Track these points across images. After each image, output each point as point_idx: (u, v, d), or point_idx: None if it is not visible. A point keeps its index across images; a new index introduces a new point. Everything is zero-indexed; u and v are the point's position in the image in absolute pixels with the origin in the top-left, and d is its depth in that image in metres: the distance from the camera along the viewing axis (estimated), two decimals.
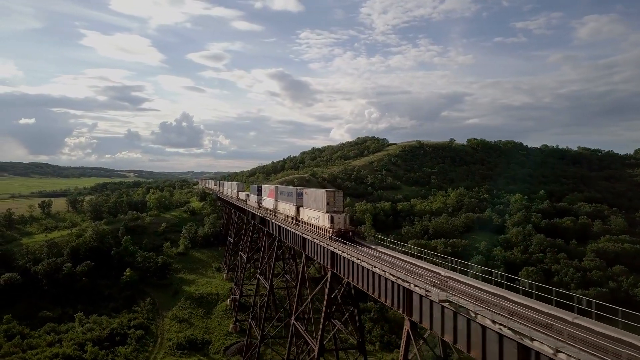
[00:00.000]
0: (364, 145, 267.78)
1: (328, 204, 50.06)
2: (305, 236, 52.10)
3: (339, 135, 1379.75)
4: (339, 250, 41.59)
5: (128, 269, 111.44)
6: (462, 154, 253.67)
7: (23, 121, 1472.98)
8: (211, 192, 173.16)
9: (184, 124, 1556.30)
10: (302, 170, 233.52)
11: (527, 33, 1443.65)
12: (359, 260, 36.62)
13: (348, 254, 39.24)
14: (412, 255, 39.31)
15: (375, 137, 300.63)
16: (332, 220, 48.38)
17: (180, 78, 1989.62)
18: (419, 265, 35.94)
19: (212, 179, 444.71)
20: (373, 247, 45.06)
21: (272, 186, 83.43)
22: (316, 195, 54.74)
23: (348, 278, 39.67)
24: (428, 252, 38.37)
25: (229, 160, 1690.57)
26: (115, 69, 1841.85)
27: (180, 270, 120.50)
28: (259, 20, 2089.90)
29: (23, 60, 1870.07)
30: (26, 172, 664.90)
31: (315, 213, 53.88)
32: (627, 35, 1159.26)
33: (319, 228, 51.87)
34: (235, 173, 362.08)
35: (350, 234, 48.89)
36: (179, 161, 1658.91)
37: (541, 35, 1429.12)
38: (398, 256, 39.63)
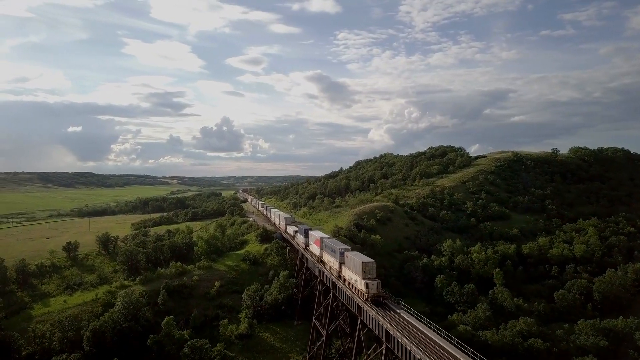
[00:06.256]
0: (446, 159, 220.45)
1: (364, 271, 61.22)
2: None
3: (378, 135, 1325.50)
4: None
5: None
6: (573, 169, 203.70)
7: (71, 129, 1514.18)
8: (274, 231, 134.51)
9: (225, 128, 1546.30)
10: (376, 191, 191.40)
11: (576, 25, 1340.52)
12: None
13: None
14: None
15: (451, 145, 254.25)
16: (367, 286, 59.63)
17: (220, 83, 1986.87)
18: None
19: (256, 191, 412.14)
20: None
21: (318, 236, 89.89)
22: (355, 262, 64.96)
23: None
24: None
25: (268, 164, 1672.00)
26: (156, 76, 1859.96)
27: None
28: (297, 23, 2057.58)
29: (71, 70, 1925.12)
30: (71, 182, 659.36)
31: (354, 276, 64.69)
32: None
33: (356, 289, 63.09)
34: (286, 189, 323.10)
35: (381, 298, 59.64)
36: (220, 165, 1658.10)
37: (591, 26, 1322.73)
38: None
